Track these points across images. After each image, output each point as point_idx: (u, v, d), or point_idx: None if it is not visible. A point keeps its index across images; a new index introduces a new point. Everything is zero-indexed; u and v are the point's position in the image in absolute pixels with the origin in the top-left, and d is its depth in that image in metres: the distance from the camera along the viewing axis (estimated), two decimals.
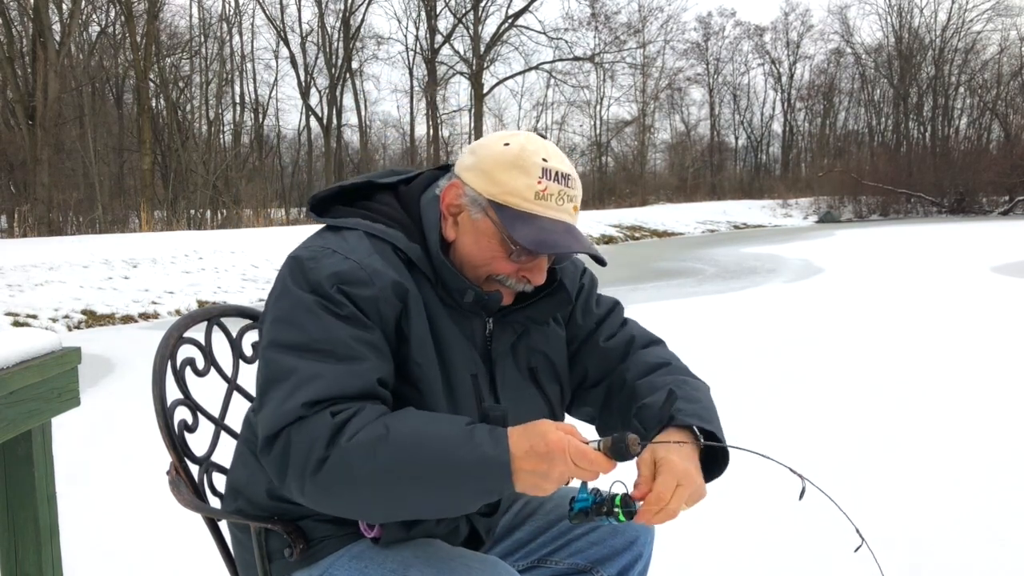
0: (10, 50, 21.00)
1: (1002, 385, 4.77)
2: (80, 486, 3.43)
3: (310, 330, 1.15)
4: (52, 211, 18.53)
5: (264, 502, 1.29)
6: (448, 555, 1.23)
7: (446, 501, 1.09)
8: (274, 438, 1.11)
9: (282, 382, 1.13)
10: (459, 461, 1.05)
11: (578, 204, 1.25)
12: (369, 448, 1.06)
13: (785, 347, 6.17)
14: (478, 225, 1.23)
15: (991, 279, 10.15)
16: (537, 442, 1.05)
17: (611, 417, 1.40)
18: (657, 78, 40.10)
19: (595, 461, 1.06)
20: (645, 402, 1.30)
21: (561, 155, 1.24)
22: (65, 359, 1.54)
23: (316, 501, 1.10)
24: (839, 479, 3.29)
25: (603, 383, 1.42)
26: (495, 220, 1.21)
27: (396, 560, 1.21)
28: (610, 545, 1.42)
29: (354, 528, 1.26)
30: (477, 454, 1.05)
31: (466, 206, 1.23)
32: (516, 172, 1.20)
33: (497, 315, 1.29)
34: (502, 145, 1.22)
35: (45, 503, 1.54)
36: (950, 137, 36.03)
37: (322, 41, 32.39)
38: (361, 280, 1.17)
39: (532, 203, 1.19)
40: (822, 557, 2.60)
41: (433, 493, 1.07)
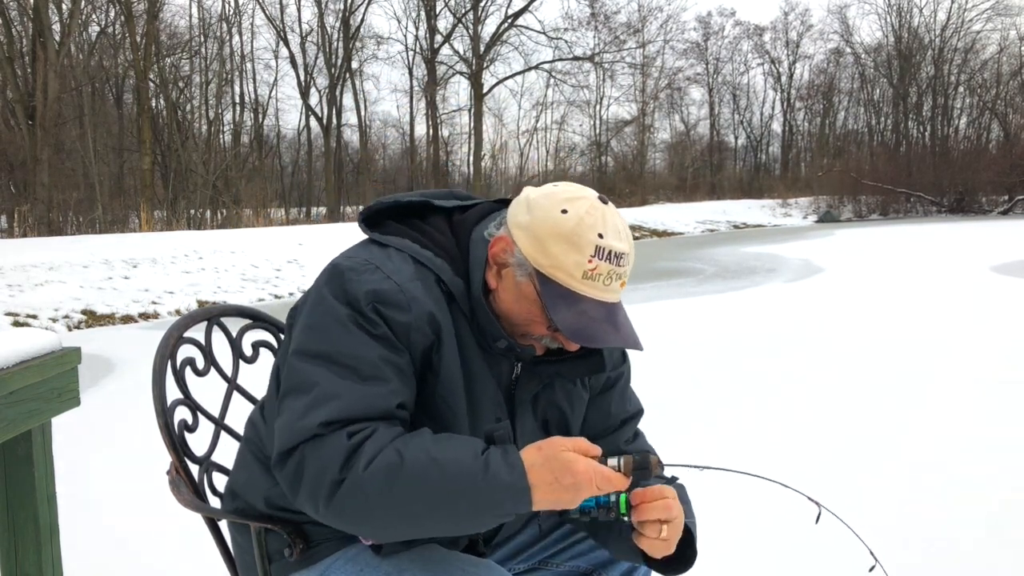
0: (10, 50, 21.00)
1: (1002, 385, 4.78)
2: (80, 486, 3.43)
3: (338, 342, 1.14)
4: (52, 211, 18.53)
5: (261, 508, 1.29)
6: (444, 559, 1.22)
7: (462, 526, 1.09)
8: (288, 454, 1.10)
9: (302, 394, 1.12)
10: (477, 490, 1.04)
11: (626, 278, 1.19)
12: (383, 477, 1.05)
13: (785, 347, 6.17)
14: (521, 288, 1.18)
15: (991, 279, 10.15)
16: (562, 474, 1.04)
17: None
18: (657, 78, 40.12)
19: (615, 483, 1.07)
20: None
21: (620, 227, 1.18)
22: (65, 359, 1.54)
23: (329, 522, 1.10)
24: (839, 478, 3.29)
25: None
26: (539, 291, 1.16)
27: (392, 564, 1.21)
28: None
29: None
30: (495, 483, 1.04)
31: (512, 265, 1.19)
32: (568, 247, 1.14)
33: (527, 362, 1.27)
34: (560, 212, 1.15)
35: (45, 503, 1.54)
36: (950, 137, 36.04)
37: (322, 41, 32.41)
38: (399, 304, 1.15)
39: (579, 282, 1.14)
40: (824, 560, 2.60)
41: (449, 520, 1.07)
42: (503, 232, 1.20)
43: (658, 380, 5.18)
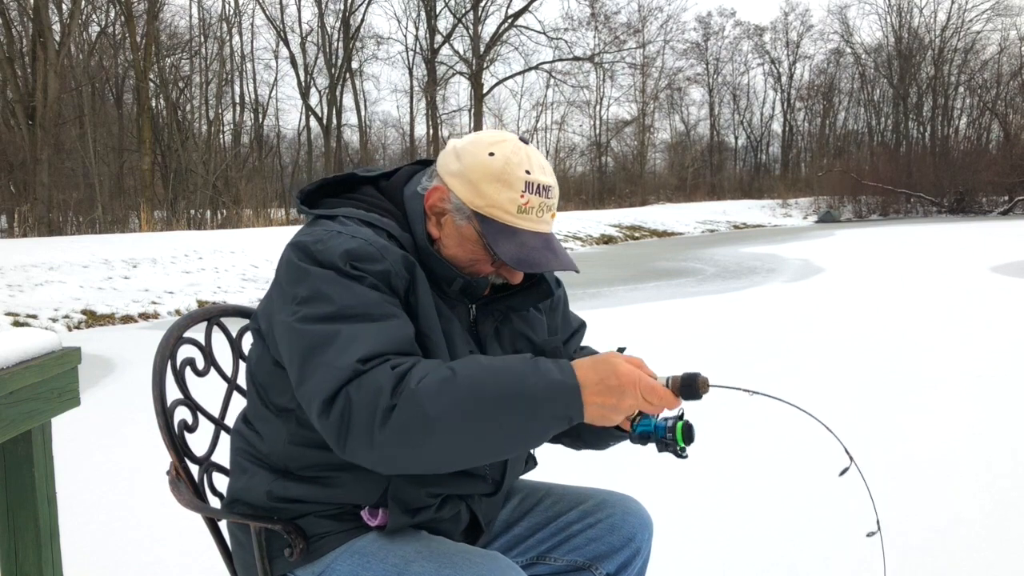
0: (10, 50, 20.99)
1: (1002, 385, 4.77)
2: (80, 486, 3.43)
3: (340, 299, 1.15)
4: (52, 211, 18.52)
5: (264, 503, 1.29)
6: (449, 550, 1.23)
7: (522, 431, 1.07)
8: (332, 400, 1.08)
9: (326, 347, 1.11)
10: (531, 387, 1.05)
11: (555, 210, 1.30)
12: (439, 388, 1.05)
13: (785, 347, 6.16)
14: (462, 231, 1.26)
15: (991, 279, 10.15)
16: (608, 375, 1.07)
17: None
18: (657, 78, 40.14)
19: (664, 397, 1.10)
20: None
21: (542, 163, 1.28)
22: (65, 359, 1.54)
23: (387, 455, 1.06)
24: (839, 477, 3.29)
25: None
26: (479, 231, 1.25)
27: (398, 556, 1.22)
28: (608, 542, 1.43)
29: (354, 523, 1.27)
30: (547, 380, 1.06)
31: (450, 211, 1.27)
32: (500, 185, 1.23)
33: (479, 303, 1.34)
34: (487, 154, 1.25)
35: (45, 504, 1.54)
36: (950, 137, 36.04)
37: (322, 41, 32.40)
38: (372, 256, 1.19)
39: (515, 217, 1.24)
40: (821, 551, 2.60)
41: (508, 424, 1.05)
42: (436, 183, 1.28)
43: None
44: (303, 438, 1.25)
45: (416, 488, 1.25)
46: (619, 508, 1.46)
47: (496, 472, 1.34)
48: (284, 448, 1.27)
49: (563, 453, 1.60)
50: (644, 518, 1.47)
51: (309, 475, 1.26)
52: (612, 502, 1.47)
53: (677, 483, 3.29)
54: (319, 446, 1.22)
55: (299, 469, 1.27)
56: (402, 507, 1.24)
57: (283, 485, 1.27)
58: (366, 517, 1.25)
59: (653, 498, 1.77)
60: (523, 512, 1.47)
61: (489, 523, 1.40)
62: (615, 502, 1.47)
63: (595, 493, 1.50)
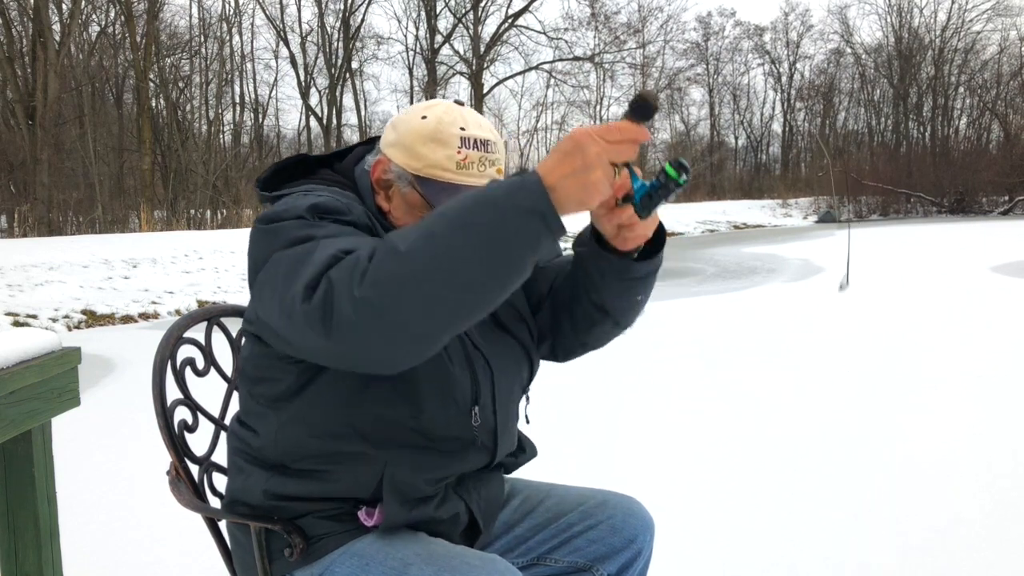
0: (10, 50, 20.99)
1: (1002, 385, 4.77)
2: (80, 486, 3.43)
3: (314, 231, 1.11)
4: (52, 211, 18.52)
5: (262, 502, 1.29)
6: (448, 553, 1.22)
7: (495, 239, 0.97)
8: (314, 285, 1.01)
9: (307, 255, 1.06)
10: (492, 192, 0.99)
11: (501, 164, 1.28)
12: (408, 230, 1.01)
13: (785, 347, 6.16)
14: (407, 198, 1.27)
15: (991, 279, 10.15)
16: (561, 146, 1.00)
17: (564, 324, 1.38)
18: (657, 78, 40.09)
19: (624, 128, 1.02)
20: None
21: (480, 121, 1.27)
22: (65, 359, 1.54)
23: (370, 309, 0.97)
24: (839, 477, 3.29)
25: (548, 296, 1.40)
26: (422, 193, 1.24)
27: (396, 559, 1.21)
28: (609, 543, 1.42)
29: (354, 524, 1.26)
30: (507, 183, 1.00)
31: (394, 180, 1.28)
32: (435, 145, 1.24)
33: None
34: (420, 119, 1.26)
35: (45, 503, 1.54)
36: (950, 137, 36.03)
37: (322, 41, 32.39)
38: (339, 209, 1.17)
39: (455, 174, 1.23)
40: (823, 552, 2.60)
41: (477, 233, 0.96)
42: (378, 156, 1.30)
43: (658, 379, 5.18)
44: (295, 428, 1.24)
45: (412, 474, 1.24)
46: (621, 509, 1.45)
47: (487, 436, 1.31)
48: (277, 440, 1.27)
49: (564, 454, 1.60)
50: (646, 519, 1.46)
51: (304, 468, 1.26)
52: (613, 503, 1.46)
53: (679, 484, 3.29)
54: (313, 435, 1.22)
55: (293, 462, 1.27)
56: (398, 498, 1.23)
57: (279, 482, 1.27)
58: (363, 517, 1.25)
59: (655, 499, 1.77)
60: (524, 513, 1.47)
61: (488, 524, 1.39)
62: (616, 503, 1.46)
63: (596, 494, 1.49)
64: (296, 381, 1.23)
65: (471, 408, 1.27)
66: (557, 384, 5.12)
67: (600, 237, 1.23)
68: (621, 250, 1.22)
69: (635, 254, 1.23)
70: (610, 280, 1.27)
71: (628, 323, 1.37)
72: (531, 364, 1.40)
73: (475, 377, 1.27)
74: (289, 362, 1.23)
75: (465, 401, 1.26)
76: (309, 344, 1.04)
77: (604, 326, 1.36)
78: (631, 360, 5.83)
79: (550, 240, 1.00)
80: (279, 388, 1.25)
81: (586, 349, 1.43)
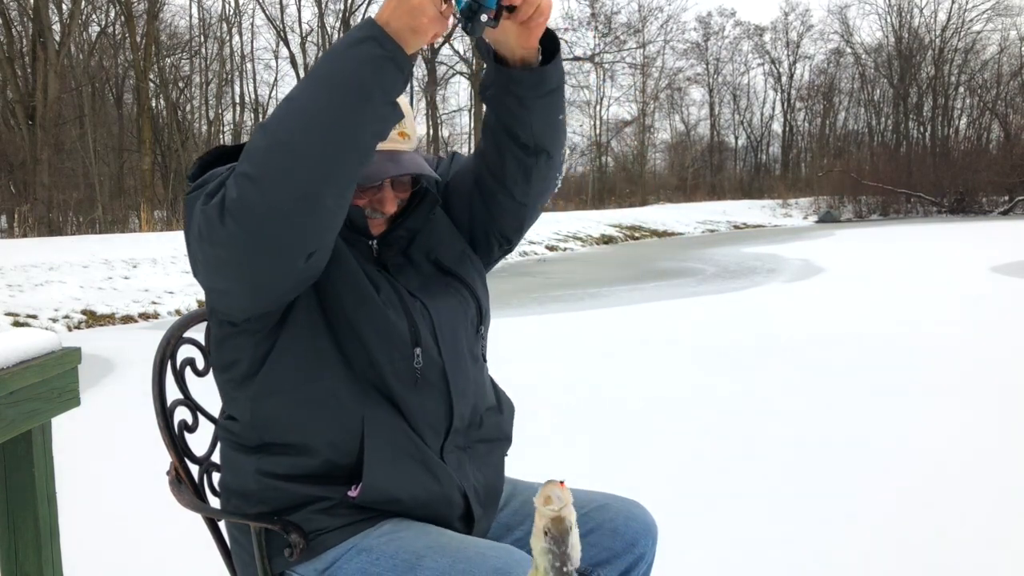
0: (10, 50, 21.00)
1: (1002, 385, 4.77)
2: (80, 486, 3.42)
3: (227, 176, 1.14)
4: (52, 211, 18.53)
5: (255, 487, 1.29)
6: (462, 543, 1.22)
7: (340, 76, 1.06)
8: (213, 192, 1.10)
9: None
10: (333, 46, 1.08)
11: (407, 131, 1.31)
12: (275, 109, 1.09)
13: (785, 347, 6.16)
14: None
15: (991, 279, 10.15)
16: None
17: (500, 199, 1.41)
18: (657, 78, 40.13)
19: None
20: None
21: None
22: (65, 359, 1.54)
23: (248, 180, 1.05)
24: (840, 477, 3.29)
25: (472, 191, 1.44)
26: None
27: (409, 551, 1.21)
28: (609, 547, 1.40)
29: (353, 518, 1.26)
30: (345, 37, 1.08)
31: None
32: None
33: (379, 239, 1.35)
34: None
35: (45, 503, 1.54)
36: (950, 137, 36.04)
37: (322, 41, 32.37)
38: None
39: None
40: (827, 556, 2.60)
41: (329, 81, 1.06)
42: None
43: (658, 380, 5.18)
44: (266, 402, 1.27)
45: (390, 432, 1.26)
46: (621, 513, 1.43)
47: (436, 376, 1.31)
48: (253, 421, 1.29)
49: (566, 456, 1.60)
50: (648, 523, 1.44)
51: (286, 442, 1.27)
52: (615, 507, 1.44)
53: (681, 486, 3.29)
54: (283, 405, 1.25)
55: (274, 438, 1.28)
56: (380, 456, 1.24)
57: (268, 461, 1.28)
58: (352, 493, 1.26)
59: (658, 503, 1.76)
60: (524, 515, 1.45)
61: (488, 509, 1.38)
62: (618, 507, 1.44)
63: (597, 497, 1.47)
64: (255, 353, 1.26)
65: (412, 348, 1.29)
66: (557, 384, 5.12)
67: (504, 65, 1.28)
68: (529, 50, 1.24)
69: (539, 58, 1.27)
70: (531, 102, 1.29)
71: (559, 149, 1.39)
72: (478, 302, 1.42)
73: (412, 321, 1.30)
74: (245, 335, 1.26)
75: (405, 344, 1.28)
76: (218, 246, 1.09)
77: (539, 165, 1.38)
78: (631, 360, 5.83)
79: (391, 66, 1.06)
80: (242, 367, 1.28)
81: (532, 210, 1.46)
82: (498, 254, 1.52)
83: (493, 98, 1.33)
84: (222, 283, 1.19)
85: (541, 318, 8.18)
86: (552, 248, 18.81)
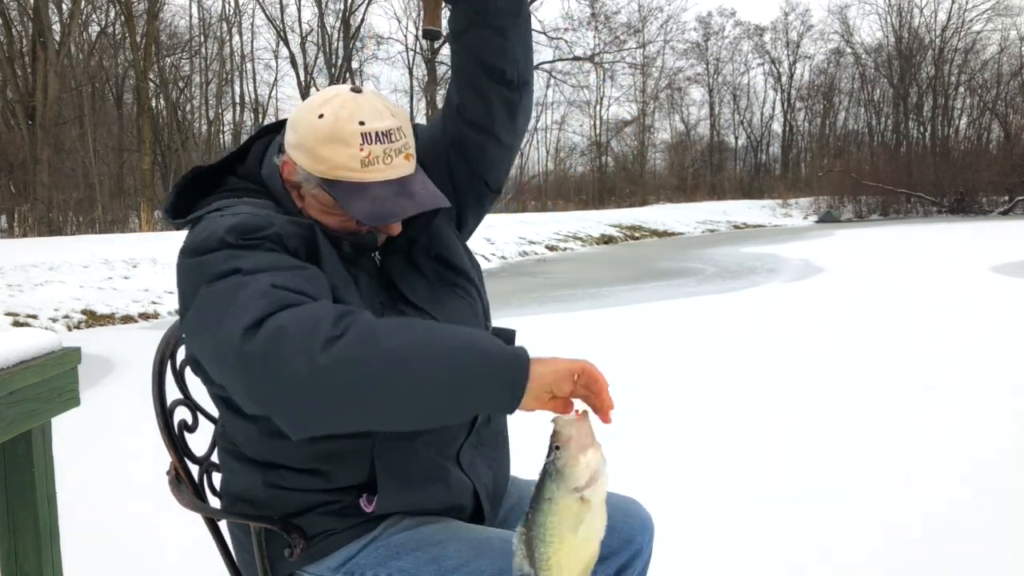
0: (10, 50, 21.02)
1: (1002, 384, 4.77)
2: (80, 486, 3.42)
3: (241, 266, 1.10)
4: (52, 211, 18.54)
5: (261, 495, 1.28)
6: (485, 535, 1.23)
7: (466, 387, 1.02)
8: (258, 325, 1.01)
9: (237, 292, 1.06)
10: (488, 350, 1.03)
11: (409, 149, 1.24)
12: (389, 330, 1.01)
13: (785, 346, 6.16)
14: (319, 198, 1.25)
15: (991, 279, 10.15)
16: (564, 366, 1.05)
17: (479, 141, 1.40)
18: (657, 78, 40.11)
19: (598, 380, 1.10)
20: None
21: (378, 108, 1.22)
22: (65, 359, 1.54)
23: (324, 381, 0.98)
24: (840, 477, 3.29)
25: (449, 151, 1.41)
26: (331, 194, 1.22)
27: (433, 541, 1.22)
28: (606, 544, 1.36)
29: (360, 518, 1.26)
30: (506, 352, 1.03)
31: (302, 182, 1.25)
32: (336, 145, 1.19)
33: (380, 249, 1.32)
34: (317, 118, 1.21)
35: (45, 503, 1.54)
36: (950, 137, 36.02)
37: (322, 41, 32.40)
38: (259, 225, 1.16)
39: (360, 172, 1.19)
40: (824, 552, 2.60)
41: (458, 376, 1.01)
42: (284, 157, 1.26)
43: (658, 379, 5.18)
44: (276, 441, 1.22)
45: (404, 455, 1.24)
46: (619, 509, 1.42)
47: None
48: (260, 451, 1.27)
49: None
50: (644, 520, 1.45)
51: (298, 468, 1.26)
52: (612, 503, 1.44)
53: (680, 484, 3.29)
54: (296, 443, 1.19)
55: (283, 462, 1.26)
56: (395, 480, 1.23)
57: (276, 476, 1.27)
58: (363, 504, 1.25)
59: (656, 500, 1.76)
60: (521, 512, 1.46)
61: (495, 504, 1.39)
62: (615, 503, 1.43)
63: None
64: None
65: None
66: None
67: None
68: None
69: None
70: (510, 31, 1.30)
71: (530, 76, 1.39)
72: (483, 300, 1.41)
73: None
74: None
75: None
76: (237, 380, 1.05)
77: (523, 98, 1.38)
78: (631, 360, 5.83)
79: (499, 409, 1.07)
80: None
81: (515, 151, 1.45)
82: (488, 206, 1.49)
83: (471, 38, 1.30)
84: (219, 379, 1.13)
85: (541, 318, 8.18)
86: (552, 248, 18.82)
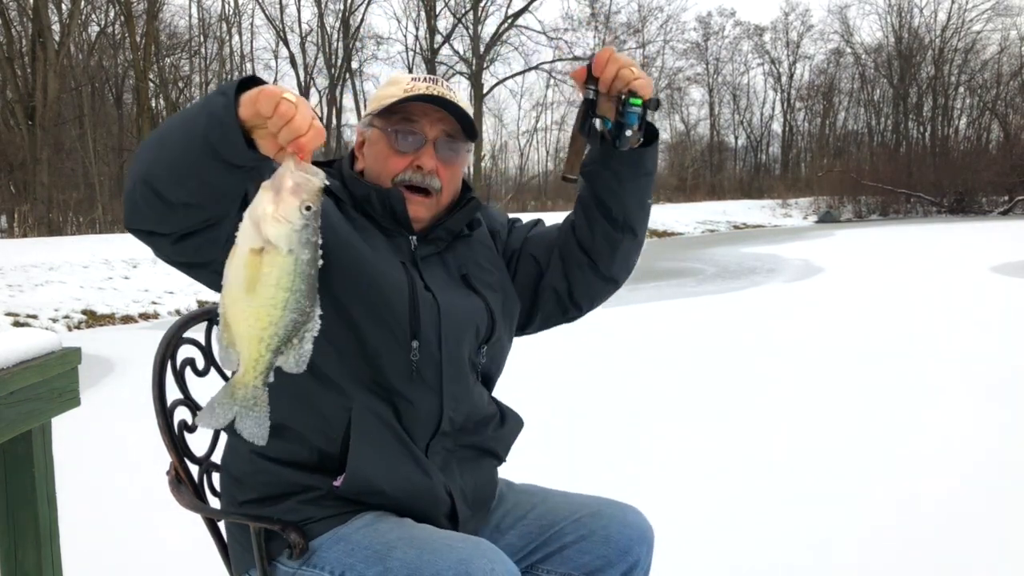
0: (10, 50, 21.01)
1: (1002, 384, 4.77)
2: (80, 486, 3.42)
3: None
4: (52, 211, 18.53)
5: (247, 468, 1.32)
6: (432, 536, 1.23)
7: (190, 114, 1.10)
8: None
9: None
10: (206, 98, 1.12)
11: (453, 95, 1.39)
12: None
13: (784, 347, 6.16)
14: (371, 137, 1.42)
15: (991, 279, 10.15)
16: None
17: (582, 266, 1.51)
18: (657, 78, 40.06)
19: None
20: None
21: (433, 79, 1.42)
22: (65, 359, 1.54)
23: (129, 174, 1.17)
24: (839, 478, 3.29)
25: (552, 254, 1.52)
26: (379, 127, 1.40)
27: (381, 543, 1.22)
28: (602, 554, 1.37)
29: (337, 509, 1.28)
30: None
31: (363, 132, 1.44)
32: (388, 87, 1.42)
33: (419, 235, 1.40)
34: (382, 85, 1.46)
35: (45, 503, 1.54)
36: (950, 137, 36.03)
37: (322, 41, 32.41)
38: None
39: (403, 95, 1.37)
40: (824, 552, 2.60)
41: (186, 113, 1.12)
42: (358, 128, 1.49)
43: (658, 380, 5.18)
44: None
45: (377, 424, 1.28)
46: (616, 518, 1.40)
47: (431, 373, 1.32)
48: None
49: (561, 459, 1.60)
50: (642, 529, 1.41)
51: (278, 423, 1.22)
52: (609, 512, 1.42)
53: (679, 490, 3.29)
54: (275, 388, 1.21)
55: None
56: (366, 440, 1.26)
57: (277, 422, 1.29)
58: (337, 483, 1.28)
59: (656, 507, 1.76)
60: (515, 519, 1.43)
61: (477, 511, 1.38)
62: (612, 512, 1.42)
63: (591, 502, 1.44)
64: None
65: (410, 340, 1.30)
66: (555, 386, 5.12)
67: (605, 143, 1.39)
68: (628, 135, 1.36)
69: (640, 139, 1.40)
70: (626, 179, 1.43)
71: (643, 231, 1.53)
72: (492, 322, 1.42)
73: (416, 313, 1.31)
74: None
75: (403, 333, 1.30)
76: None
77: (624, 241, 1.49)
78: (630, 360, 5.84)
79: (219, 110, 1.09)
80: None
81: (613, 286, 1.55)
82: (560, 317, 1.56)
83: (593, 172, 1.44)
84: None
85: None
86: None
